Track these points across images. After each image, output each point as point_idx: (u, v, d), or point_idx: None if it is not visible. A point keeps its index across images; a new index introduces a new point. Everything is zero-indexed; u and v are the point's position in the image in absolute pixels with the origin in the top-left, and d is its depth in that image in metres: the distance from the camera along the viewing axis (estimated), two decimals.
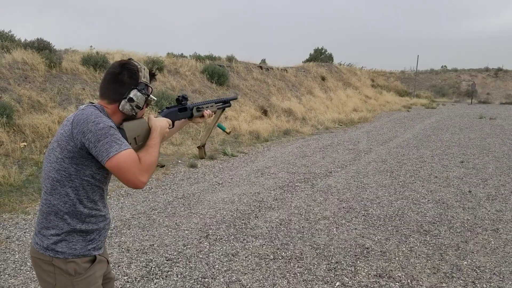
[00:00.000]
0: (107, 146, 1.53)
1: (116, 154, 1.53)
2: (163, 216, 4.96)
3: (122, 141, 1.57)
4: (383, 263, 3.82)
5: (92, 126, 1.54)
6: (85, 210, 1.67)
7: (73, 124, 1.58)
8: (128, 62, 1.74)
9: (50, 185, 1.64)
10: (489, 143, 11.02)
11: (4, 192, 5.34)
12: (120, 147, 1.55)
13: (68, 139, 1.58)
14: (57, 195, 1.63)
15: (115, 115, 1.72)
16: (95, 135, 1.53)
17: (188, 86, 12.82)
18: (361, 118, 16.78)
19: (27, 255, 3.80)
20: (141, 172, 1.60)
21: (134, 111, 1.72)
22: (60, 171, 1.61)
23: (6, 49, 9.35)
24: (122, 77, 1.69)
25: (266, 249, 4.08)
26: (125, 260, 3.77)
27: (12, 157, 6.27)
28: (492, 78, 34.35)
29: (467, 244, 4.31)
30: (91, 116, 1.57)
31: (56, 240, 1.64)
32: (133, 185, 1.60)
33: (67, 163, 1.60)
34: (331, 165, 8.00)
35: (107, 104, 1.71)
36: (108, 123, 1.58)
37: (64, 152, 1.59)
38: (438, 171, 7.67)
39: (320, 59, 31.34)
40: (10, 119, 6.89)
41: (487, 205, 5.62)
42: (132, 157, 1.58)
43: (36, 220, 1.72)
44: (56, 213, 1.64)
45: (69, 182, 1.62)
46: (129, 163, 1.56)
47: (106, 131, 1.54)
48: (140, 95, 1.71)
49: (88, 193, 1.66)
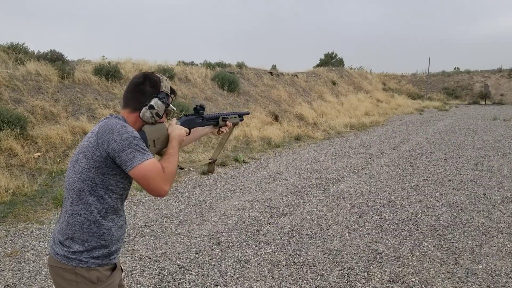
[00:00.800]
0: (131, 156, 1.58)
1: (140, 163, 1.59)
2: (175, 223, 4.98)
3: (146, 151, 1.63)
4: (396, 268, 3.78)
5: (117, 136, 1.59)
6: (109, 218, 1.71)
7: (98, 135, 1.62)
8: (151, 73, 1.82)
9: (76, 195, 1.67)
10: (503, 145, 10.87)
11: (18, 202, 5.42)
12: (143, 157, 1.60)
13: (94, 149, 1.62)
14: (83, 204, 1.66)
15: (136, 124, 1.78)
16: (120, 144, 1.58)
17: (199, 94, 12.89)
18: (372, 122, 16.68)
19: (41, 265, 3.84)
20: (165, 181, 1.66)
21: (154, 119, 1.78)
22: (86, 181, 1.65)
23: (20, 61, 9.51)
24: (144, 86, 1.77)
25: (279, 256, 4.07)
26: (138, 268, 3.79)
27: (27, 168, 6.36)
28: (506, 79, 33.91)
29: (482, 248, 4.25)
30: (116, 126, 1.62)
31: (79, 249, 1.66)
32: (157, 194, 1.65)
33: (93, 173, 1.64)
34: (343, 170, 7.97)
35: (129, 113, 1.77)
36: (132, 133, 1.63)
37: (91, 162, 1.63)
38: (451, 174, 7.59)
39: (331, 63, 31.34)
40: (24, 130, 7.00)
41: (502, 208, 5.54)
42: (156, 166, 1.63)
43: (57, 230, 1.74)
44: (82, 223, 1.66)
45: (95, 192, 1.65)
46: (154, 172, 1.61)
47: (130, 141, 1.60)
48: (161, 103, 1.77)
49: (111, 202, 1.70)
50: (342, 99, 20.65)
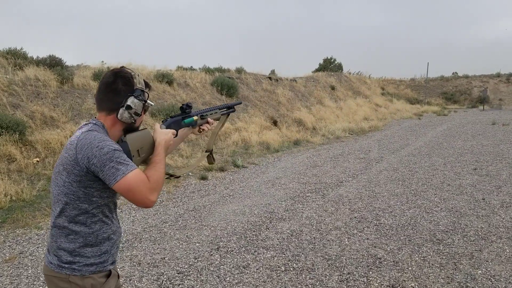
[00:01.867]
0: (114, 170, 1.54)
1: (123, 176, 1.54)
2: (174, 229, 4.97)
3: (128, 162, 1.58)
4: (395, 273, 3.77)
5: (97, 151, 1.54)
6: (98, 226, 1.68)
7: (77, 149, 1.58)
8: (121, 70, 1.72)
9: (59, 208, 1.65)
10: (502, 150, 10.88)
11: (17, 207, 5.41)
12: (126, 169, 1.55)
13: (74, 163, 1.58)
14: (67, 217, 1.64)
15: (115, 125, 1.71)
16: (100, 160, 1.54)
17: (198, 99, 12.90)
18: (371, 126, 16.70)
19: (40, 270, 3.83)
20: (150, 191, 1.61)
21: (133, 119, 1.70)
22: (68, 194, 1.62)
23: (19, 66, 9.52)
24: (117, 85, 1.67)
25: (278, 261, 4.06)
26: (137, 273, 3.78)
27: (25, 173, 6.35)
28: (504, 83, 34.00)
29: (482, 252, 4.25)
30: (94, 141, 1.56)
31: (71, 258, 1.65)
32: (143, 205, 1.61)
33: (75, 186, 1.61)
34: (342, 175, 7.96)
35: (106, 116, 1.70)
36: (112, 147, 1.57)
37: (71, 176, 1.60)
38: (450, 179, 7.59)
39: (330, 68, 31.43)
40: (22, 135, 6.99)
41: (501, 213, 5.54)
42: (139, 177, 1.59)
43: (48, 240, 1.73)
44: (68, 235, 1.65)
45: (78, 205, 1.63)
46: (137, 183, 1.57)
47: (111, 155, 1.55)
48: (137, 101, 1.69)
49: (98, 212, 1.68)
50: (341, 104, 20.69)
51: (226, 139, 10.93)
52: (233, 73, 17.05)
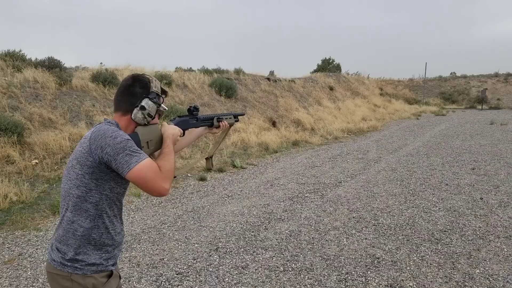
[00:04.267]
0: (127, 158, 1.58)
1: (137, 164, 1.58)
2: (173, 230, 4.98)
3: (140, 152, 1.63)
4: (394, 273, 3.79)
5: (110, 140, 1.59)
6: (104, 225, 1.71)
7: (91, 140, 1.63)
8: (140, 75, 1.82)
9: (72, 202, 1.68)
10: (500, 149, 10.91)
11: (16, 209, 5.41)
12: (139, 158, 1.60)
13: (87, 155, 1.63)
14: (79, 211, 1.67)
15: (129, 126, 1.78)
16: (114, 148, 1.58)
17: (196, 100, 12.91)
18: (370, 127, 16.72)
19: (39, 272, 3.83)
20: (163, 179, 1.65)
21: (146, 120, 1.78)
22: (80, 187, 1.65)
23: (17, 68, 9.52)
24: (134, 88, 1.77)
25: (276, 261, 4.07)
26: (136, 274, 3.79)
27: (24, 175, 6.35)
28: (502, 83, 34.06)
29: (480, 252, 4.26)
30: (108, 131, 1.62)
31: (74, 256, 1.67)
32: (157, 193, 1.65)
33: (87, 178, 1.65)
34: (340, 175, 7.98)
35: (121, 116, 1.77)
36: (125, 137, 1.63)
37: (84, 168, 1.64)
38: (449, 178, 7.61)
39: (328, 69, 31.45)
40: (21, 137, 6.99)
41: (499, 212, 5.56)
42: (152, 166, 1.63)
43: (55, 237, 1.75)
44: (76, 230, 1.68)
45: (90, 198, 1.66)
46: (151, 172, 1.61)
47: (124, 144, 1.60)
48: (152, 103, 1.77)
49: (106, 208, 1.71)
50: (339, 105, 20.70)
51: (225, 140, 10.93)
52: (232, 74, 17.06)
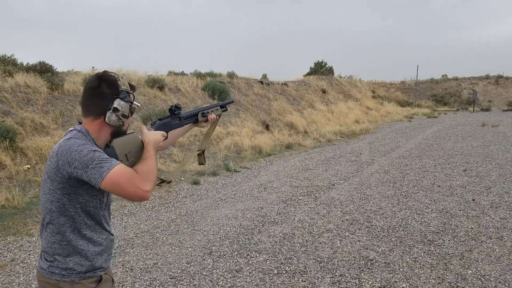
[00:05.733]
0: (98, 168, 1.52)
1: (108, 172, 1.52)
2: (166, 234, 4.97)
3: (110, 159, 1.56)
4: (387, 275, 3.80)
5: (76, 154, 1.54)
6: (86, 235, 1.68)
7: (58, 156, 1.58)
8: (104, 73, 1.71)
9: (48, 215, 1.66)
10: (492, 151, 11.00)
11: (8, 214, 5.37)
12: (110, 165, 1.54)
13: (56, 170, 1.59)
14: (56, 224, 1.65)
15: (102, 130, 1.70)
16: (81, 162, 1.53)
17: (189, 104, 12.90)
18: (363, 129, 16.79)
19: (31, 277, 3.81)
20: (141, 181, 1.58)
21: (120, 121, 1.69)
22: (53, 202, 1.62)
23: (8, 73, 9.47)
24: (102, 89, 1.66)
25: (270, 264, 4.08)
26: (129, 279, 3.77)
27: (16, 180, 6.32)
28: (493, 85, 34.40)
29: (472, 253, 4.30)
30: (73, 145, 1.57)
31: (61, 264, 1.66)
32: (137, 197, 1.58)
33: (59, 194, 1.61)
34: (334, 178, 8.00)
35: (92, 120, 1.69)
36: (91, 148, 1.57)
37: (55, 183, 1.60)
38: (441, 180, 7.66)
39: (321, 72, 31.51)
40: (13, 142, 6.95)
41: (491, 213, 5.60)
42: (126, 170, 1.57)
43: (41, 245, 1.74)
44: (60, 241, 1.66)
45: (64, 212, 1.63)
46: (125, 176, 1.55)
47: (91, 156, 1.54)
48: (124, 103, 1.68)
49: (85, 219, 1.67)
50: (332, 107, 20.78)
51: (218, 143, 10.93)
52: (225, 78, 17.08)
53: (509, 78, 34.57)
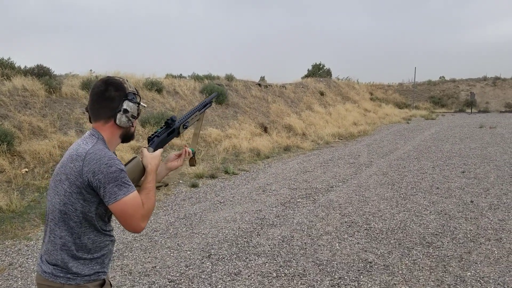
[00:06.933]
0: (116, 189, 1.58)
1: (123, 197, 1.59)
2: (165, 237, 4.96)
3: (130, 185, 1.63)
4: (386, 277, 3.80)
5: (105, 168, 1.58)
6: (92, 238, 1.69)
7: (85, 162, 1.60)
8: (109, 78, 1.75)
9: (57, 217, 1.66)
10: (490, 152, 11.02)
11: (6, 218, 5.35)
12: (127, 191, 1.61)
13: (78, 175, 1.60)
14: (64, 226, 1.65)
15: (114, 133, 1.74)
16: (106, 177, 1.58)
17: (187, 106, 12.90)
18: (361, 131, 16.81)
19: (29, 282, 3.79)
20: (143, 218, 1.67)
21: (130, 122, 1.75)
22: (67, 204, 1.63)
23: (6, 76, 9.45)
24: (110, 92, 1.70)
25: (269, 267, 4.07)
26: (128, 283, 3.76)
27: (14, 184, 6.30)
28: (491, 87, 34.46)
29: (471, 254, 4.30)
30: (104, 158, 1.60)
31: (66, 268, 1.66)
32: (133, 230, 1.68)
33: (74, 197, 1.62)
34: (332, 180, 8.01)
35: (103, 124, 1.72)
36: (120, 166, 1.62)
37: (73, 187, 1.62)
38: (439, 182, 7.67)
39: (319, 74, 31.55)
40: (11, 145, 6.93)
41: (489, 215, 5.61)
42: (137, 201, 1.64)
43: (44, 248, 1.73)
44: (64, 244, 1.66)
45: (74, 216, 1.64)
46: (133, 209, 1.63)
47: (117, 175, 1.60)
48: (133, 104, 1.73)
49: (94, 222, 1.68)
50: (330, 109, 20.79)
51: (217, 146, 10.93)
52: (223, 80, 17.08)
53: (507, 79, 34.67)
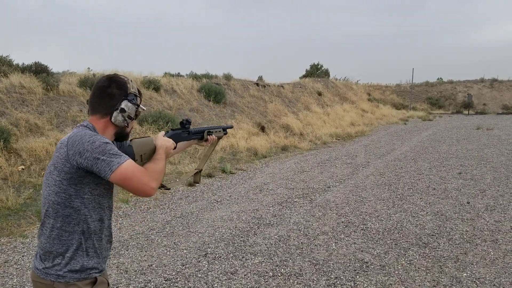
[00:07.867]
0: (108, 161, 1.57)
1: (119, 166, 1.57)
2: (161, 236, 4.95)
3: (121, 154, 1.61)
4: (382, 277, 3.81)
5: (88, 145, 1.57)
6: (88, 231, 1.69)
7: (68, 146, 1.61)
8: (115, 75, 1.78)
9: (51, 208, 1.66)
10: (486, 154, 11.05)
11: (2, 216, 5.33)
12: (121, 159, 1.59)
13: (65, 161, 1.61)
14: (60, 217, 1.65)
15: (108, 128, 1.76)
16: (93, 153, 1.57)
17: (185, 105, 12.88)
18: (358, 132, 16.82)
19: (25, 279, 3.78)
20: (149, 178, 1.64)
21: (126, 122, 1.76)
22: (59, 193, 1.63)
23: (3, 73, 9.41)
24: (112, 89, 1.73)
25: (265, 266, 4.07)
26: (124, 281, 3.75)
27: (10, 181, 6.27)
28: (488, 88, 34.56)
29: (467, 255, 4.31)
30: (85, 136, 1.60)
31: (57, 264, 1.66)
32: (143, 192, 1.64)
33: (65, 184, 1.62)
34: (329, 180, 8.01)
35: (98, 118, 1.74)
36: (103, 140, 1.61)
37: (62, 174, 1.62)
38: (436, 183, 7.68)
39: (317, 74, 31.60)
40: (7, 143, 6.91)
41: (485, 216, 5.62)
42: (135, 165, 1.63)
43: (38, 244, 1.73)
44: (60, 235, 1.66)
45: (70, 203, 1.64)
46: (134, 171, 1.60)
47: (103, 148, 1.58)
48: (131, 105, 1.75)
49: (90, 212, 1.68)
50: (328, 110, 20.81)
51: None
52: (221, 80, 17.07)
53: (504, 81, 34.79)
